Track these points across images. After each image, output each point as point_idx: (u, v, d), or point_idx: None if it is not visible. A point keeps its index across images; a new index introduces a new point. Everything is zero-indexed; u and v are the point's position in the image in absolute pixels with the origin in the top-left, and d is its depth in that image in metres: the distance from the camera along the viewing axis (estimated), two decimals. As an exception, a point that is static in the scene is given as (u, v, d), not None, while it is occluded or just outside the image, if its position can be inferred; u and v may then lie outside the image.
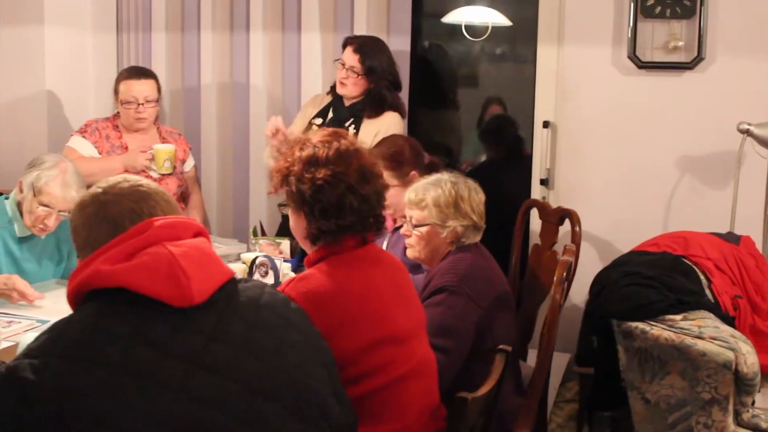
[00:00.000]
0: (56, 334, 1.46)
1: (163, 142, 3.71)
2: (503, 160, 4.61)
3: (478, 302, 2.49)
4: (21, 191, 3.07)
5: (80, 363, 1.39)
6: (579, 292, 3.50)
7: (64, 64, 4.18)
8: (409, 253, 2.69)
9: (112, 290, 1.47)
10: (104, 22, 4.34)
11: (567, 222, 3.39)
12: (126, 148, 3.70)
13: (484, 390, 1.99)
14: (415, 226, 2.66)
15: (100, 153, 3.63)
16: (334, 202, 2.01)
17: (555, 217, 3.45)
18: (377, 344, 1.98)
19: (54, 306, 2.96)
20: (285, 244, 3.30)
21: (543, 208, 3.56)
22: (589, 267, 3.47)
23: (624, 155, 3.74)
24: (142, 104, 3.65)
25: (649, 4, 3.62)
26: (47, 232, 3.10)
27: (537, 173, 3.91)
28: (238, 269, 3.03)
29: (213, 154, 4.26)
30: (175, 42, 4.28)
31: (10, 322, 2.75)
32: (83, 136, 3.66)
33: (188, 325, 1.46)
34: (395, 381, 2.00)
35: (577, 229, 3.34)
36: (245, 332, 1.50)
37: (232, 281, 1.58)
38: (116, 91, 3.71)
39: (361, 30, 3.94)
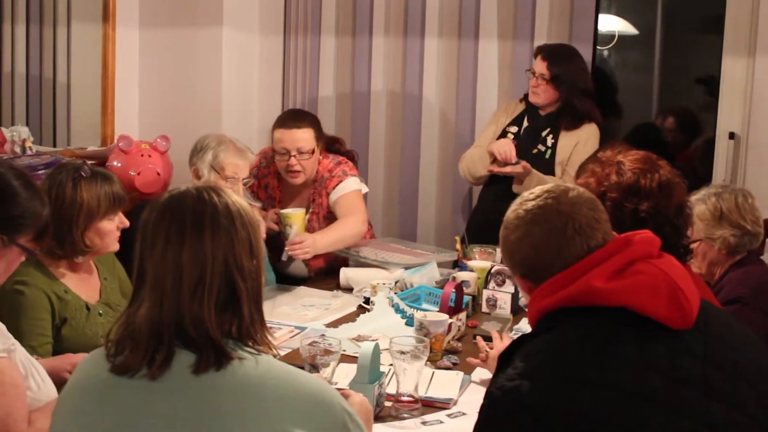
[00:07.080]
0: (552, 355, 1.43)
1: (325, 176, 3.34)
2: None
3: (770, 315, 2.47)
4: (198, 177, 3.07)
5: (590, 387, 1.36)
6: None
7: (235, 66, 4.14)
8: (693, 270, 2.69)
9: (603, 309, 1.44)
10: (272, 24, 4.29)
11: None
12: (279, 201, 3.43)
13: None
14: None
15: (260, 199, 3.40)
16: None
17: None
18: None
19: (295, 312, 2.95)
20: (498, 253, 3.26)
21: (745, 220, 3.52)
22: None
23: (817, 168, 3.71)
24: (294, 155, 3.25)
25: None
26: None
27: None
28: (470, 277, 2.99)
29: (380, 159, 4.22)
30: (345, 45, 4.22)
31: (271, 327, 2.71)
32: None
33: (684, 348, 1.43)
34: None
35: (790, 241, 3.31)
36: (730, 356, 1.47)
37: (702, 300, 1.54)
38: (272, 138, 3.36)
39: (541, 38, 3.88)
